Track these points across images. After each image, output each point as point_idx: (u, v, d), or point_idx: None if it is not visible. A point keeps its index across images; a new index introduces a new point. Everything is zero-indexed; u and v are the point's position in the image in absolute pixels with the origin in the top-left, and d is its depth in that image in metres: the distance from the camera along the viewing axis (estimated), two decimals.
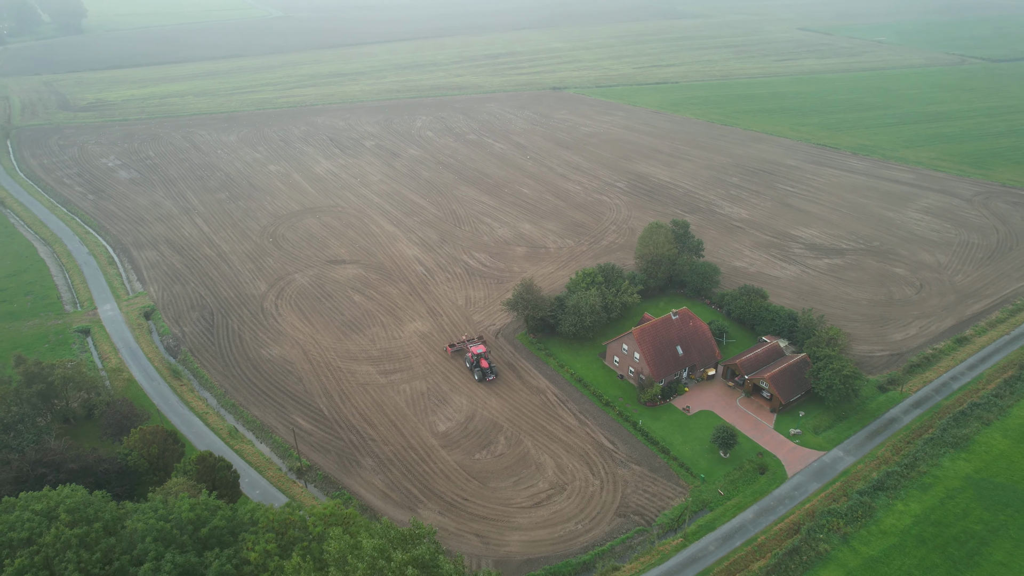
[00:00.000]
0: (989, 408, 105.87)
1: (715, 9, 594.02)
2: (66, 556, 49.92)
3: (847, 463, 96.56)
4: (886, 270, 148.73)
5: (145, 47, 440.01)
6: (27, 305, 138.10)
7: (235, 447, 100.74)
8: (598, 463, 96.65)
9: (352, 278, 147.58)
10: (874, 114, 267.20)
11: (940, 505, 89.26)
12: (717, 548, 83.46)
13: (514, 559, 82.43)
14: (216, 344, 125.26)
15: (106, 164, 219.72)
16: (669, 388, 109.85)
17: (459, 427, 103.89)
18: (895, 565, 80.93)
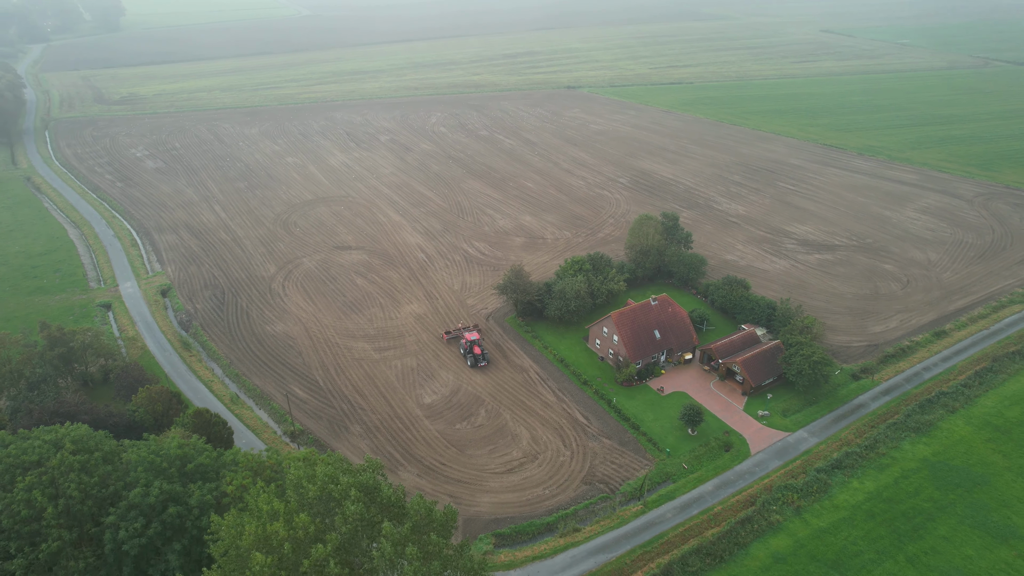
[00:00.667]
0: (956, 397, 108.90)
1: (739, 11, 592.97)
2: (69, 477, 57.58)
3: (810, 443, 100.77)
4: (875, 266, 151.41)
5: (178, 44, 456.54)
6: (56, 281, 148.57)
7: (235, 412, 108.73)
8: (571, 436, 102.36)
9: (356, 263, 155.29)
10: (886, 116, 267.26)
11: (894, 484, 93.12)
12: (674, 515, 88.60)
13: (482, 518, 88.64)
14: (225, 320, 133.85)
15: (134, 154, 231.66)
16: (646, 370, 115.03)
17: (444, 400, 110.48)
18: (842, 536, 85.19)
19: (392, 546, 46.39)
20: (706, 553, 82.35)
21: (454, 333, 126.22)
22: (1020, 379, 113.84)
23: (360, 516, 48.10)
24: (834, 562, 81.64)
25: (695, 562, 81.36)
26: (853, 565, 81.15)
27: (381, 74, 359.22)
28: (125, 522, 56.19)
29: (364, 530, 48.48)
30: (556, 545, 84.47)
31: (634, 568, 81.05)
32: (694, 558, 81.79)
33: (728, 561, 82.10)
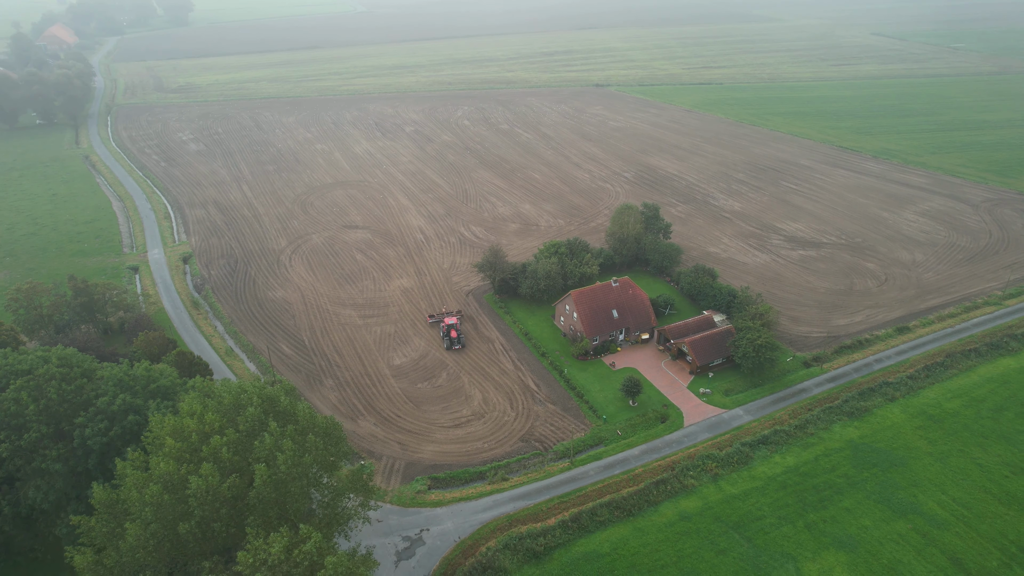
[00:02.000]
0: (899, 387, 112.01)
1: (791, 13, 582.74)
2: (51, 384, 70.37)
3: (743, 420, 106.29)
4: (857, 264, 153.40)
5: (237, 37, 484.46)
6: (95, 246, 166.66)
7: (228, 363, 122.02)
8: (519, 400, 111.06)
9: (359, 241, 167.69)
10: (914, 120, 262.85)
11: (813, 460, 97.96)
12: (597, 473, 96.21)
13: (423, 463, 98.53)
14: (233, 285, 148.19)
15: (180, 137, 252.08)
16: (603, 346, 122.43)
17: (412, 363, 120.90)
18: (750, 502, 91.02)
19: (272, 439, 56.67)
20: (616, 507, 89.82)
21: (437, 317, 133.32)
22: (969, 375, 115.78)
23: (256, 417, 58.70)
24: (736, 524, 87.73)
25: (604, 513, 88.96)
26: (753, 527, 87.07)
27: (420, 69, 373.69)
28: (92, 423, 68.71)
29: (258, 428, 59.03)
30: (483, 490, 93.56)
31: (549, 515, 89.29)
32: (604, 510, 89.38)
33: (636, 515, 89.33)
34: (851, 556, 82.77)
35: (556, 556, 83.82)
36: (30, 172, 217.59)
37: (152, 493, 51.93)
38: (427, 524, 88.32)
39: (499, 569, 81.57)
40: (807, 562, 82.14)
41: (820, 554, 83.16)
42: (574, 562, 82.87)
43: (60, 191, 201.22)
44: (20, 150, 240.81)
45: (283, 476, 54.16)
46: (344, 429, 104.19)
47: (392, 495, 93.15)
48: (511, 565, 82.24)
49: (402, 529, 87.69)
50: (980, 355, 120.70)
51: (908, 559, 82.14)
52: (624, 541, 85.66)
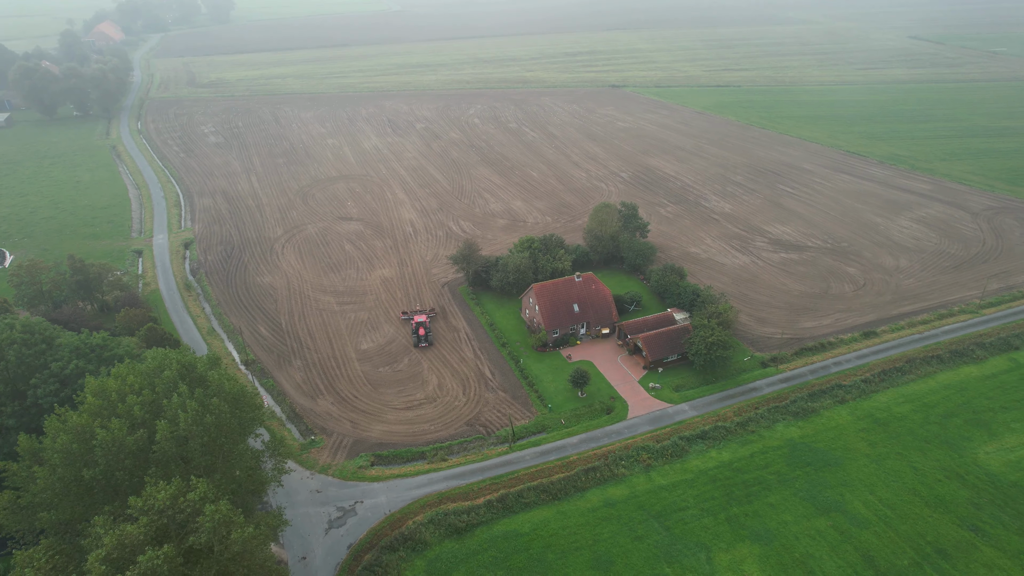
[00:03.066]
0: (851, 391, 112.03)
1: (825, 15, 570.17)
2: (12, 348, 77.86)
3: (687, 415, 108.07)
4: (838, 268, 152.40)
5: (272, 35, 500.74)
6: (106, 230, 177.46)
7: (208, 341, 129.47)
8: (472, 387, 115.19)
9: (351, 232, 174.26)
10: (931, 125, 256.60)
11: (749, 457, 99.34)
12: (532, 459, 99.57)
13: (370, 440, 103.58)
14: (226, 270, 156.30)
15: (203, 130, 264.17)
16: (562, 339, 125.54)
17: (378, 348, 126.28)
18: (677, 493, 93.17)
19: (180, 400, 62.22)
20: (543, 490, 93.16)
21: (410, 314, 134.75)
22: (927, 381, 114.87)
23: (171, 380, 64.45)
24: (658, 513, 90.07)
25: (531, 496, 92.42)
26: (674, 517, 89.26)
27: (442, 68, 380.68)
28: (44, 385, 75.88)
29: (171, 390, 64.73)
30: (421, 469, 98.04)
31: (478, 495, 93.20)
32: (532, 493, 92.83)
33: (563, 500, 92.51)
34: (765, 549, 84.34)
35: (478, 533, 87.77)
36: (61, 160, 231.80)
37: (62, 442, 58.25)
38: (362, 497, 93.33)
39: (420, 541, 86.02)
40: (720, 552, 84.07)
41: (735, 545, 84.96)
42: (493, 539, 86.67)
43: (84, 178, 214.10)
44: (55, 139, 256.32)
45: (183, 433, 59.71)
46: (302, 406, 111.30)
47: (335, 469, 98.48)
48: (432, 538, 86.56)
49: (338, 500, 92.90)
50: (942, 362, 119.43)
51: (820, 554, 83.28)
52: (545, 523, 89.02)
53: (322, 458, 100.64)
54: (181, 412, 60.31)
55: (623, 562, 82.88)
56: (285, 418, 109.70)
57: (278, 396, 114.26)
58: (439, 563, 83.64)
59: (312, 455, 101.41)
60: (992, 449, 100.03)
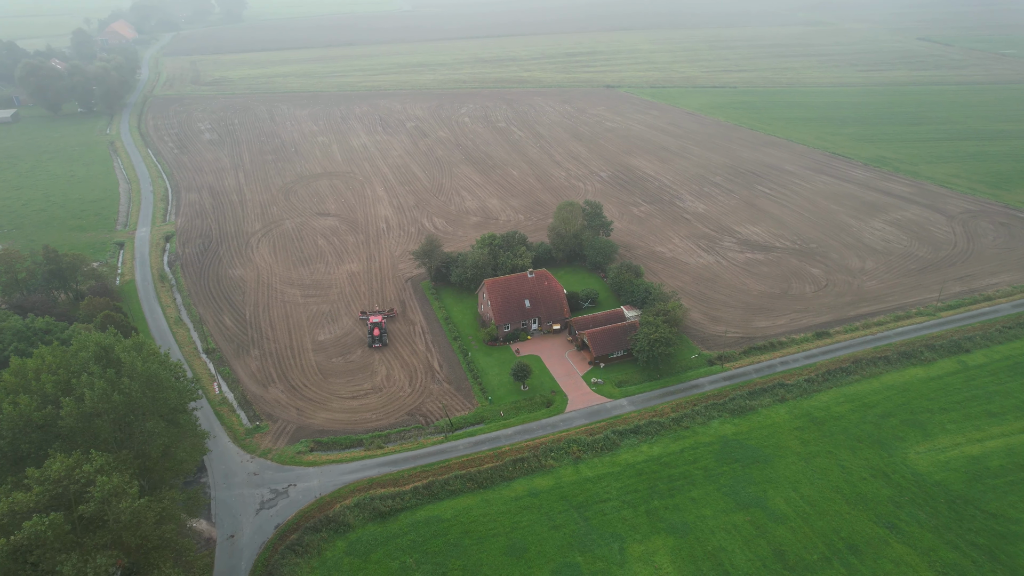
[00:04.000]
0: (792, 389, 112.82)
1: (837, 17, 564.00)
2: None
3: (625, 410, 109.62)
4: (801, 269, 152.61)
5: (282, 34, 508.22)
6: (93, 223, 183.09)
7: (174, 330, 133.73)
8: (419, 378, 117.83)
9: (326, 228, 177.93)
10: (922, 128, 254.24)
11: (679, 452, 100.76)
12: (465, 449, 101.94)
13: (312, 427, 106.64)
14: (201, 262, 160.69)
15: (199, 127, 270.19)
16: (513, 333, 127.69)
17: (334, 339, 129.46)
18: (602, 485, 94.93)
19: (88, 379, 65.64)
20: (470, 479, 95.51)
21: (368, 314, 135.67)
22: (871, 382, 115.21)
23: (85, 360, 67.90)
24: (579, 504, 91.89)
25: (457, 484, 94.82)
26: (594, 508, 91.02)
27: (441, 67, 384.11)
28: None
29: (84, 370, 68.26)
30: (357, 456, 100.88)
31: (408, 482, 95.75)
32: (458, 481, 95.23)
33: (488, 488, 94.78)
34: (679, 541, 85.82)
35: (401, 517, 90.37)
36: (60, 155, 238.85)
37: None
38: (296, 480, 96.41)
39: (343, 523, 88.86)
40: (634, 543, 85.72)
41: (650, 537, 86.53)
42: (415, 524, 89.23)
43: (79, 173, 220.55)
44: (57, 135, 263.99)
45: (89, 410, 63.11)
46: (253, 393, 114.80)
47: (274, 454, 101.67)
48: (356, 521, 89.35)
49: (273, 483, 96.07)
50: (889, 363, 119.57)
51: (733, 548, 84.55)
52: (468, 509, 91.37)
53: (264, 443, 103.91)
54: (88, 390, 63.76)
55: (536, 549, 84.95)
56: (236, 404, 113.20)
57: (232, 383, 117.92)
58: (359, 544, 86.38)
59: (255, 440, 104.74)
60: (923, 449, 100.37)
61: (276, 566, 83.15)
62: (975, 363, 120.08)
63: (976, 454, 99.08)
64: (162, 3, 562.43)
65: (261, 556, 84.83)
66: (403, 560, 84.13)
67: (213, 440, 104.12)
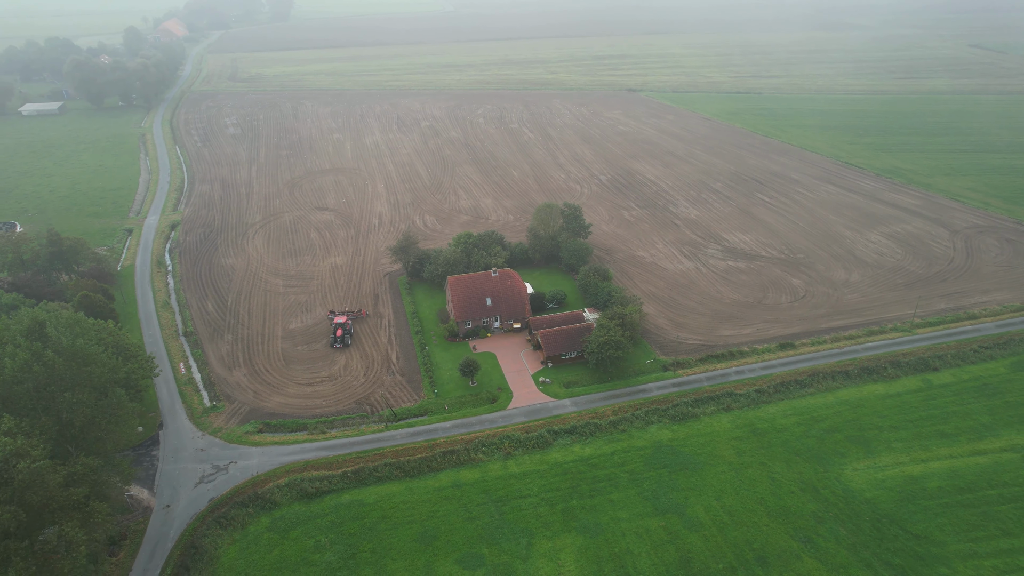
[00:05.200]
0: (740, 399, 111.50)
1: (885, 22, 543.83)
2: None
3: (566, 411, 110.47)
4: (782, 279, 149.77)
5: (323, 34, 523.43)
6: (108, 210, 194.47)
7: (159, 313, 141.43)
8: (375, 369, 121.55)
9: (322, 222, 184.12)
10: (947, 139, 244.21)
11: (609, 454, 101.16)
12: (403, 438, 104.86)
13: (265, 410, 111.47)
14: (198, 250, 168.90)
15: (225, 122, 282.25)
16: (474, 330, 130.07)
17: (305, 328, 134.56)
18: (526, 481, 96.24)
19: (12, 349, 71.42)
20: (399, 467, 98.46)
21: (336, 313, 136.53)
22: (825, 396, 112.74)
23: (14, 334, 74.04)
24: (499, 498, 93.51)
25: (386, 471, 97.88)
26: (512, 504, 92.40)
27: (469, 68, 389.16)
28: None
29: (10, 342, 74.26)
30: (299, 439, 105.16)
31: (340, 466, 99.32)
32: (387, 468, 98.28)
33: (415, 477, 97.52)
34: (588, 541, 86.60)
35: (326, 499, 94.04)
36: (94, 146, 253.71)
37: None
38: (238, 458, 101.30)
39: (271, 501, 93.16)
40: (543, 540, 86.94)
41: (560, 535, 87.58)
42: (338, 506, 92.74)
43: (108, 163, 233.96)
44: (96, 127, 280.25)
45: (8, 378, 68.81)
46: (218, 375, 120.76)
47: (224, 432, 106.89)
48: (283, 500, 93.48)
49: (216, 459, 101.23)
50: (848, 378, 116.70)
51: (640, 552, 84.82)
52: (391, 496, 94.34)
53: (217, 422, 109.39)
54: (9, 360, 69.63)
55: (446, 538, 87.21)
56: (201, 384, 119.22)
57: (201, 365, 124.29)
58: (281, 521, 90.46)
59: (210, 418, 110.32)
60: (862, 466, 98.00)
61: (200, 536, 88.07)
62: (940, 382, 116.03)
63: (916, 474, 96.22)
64: (214, 3, 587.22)
65: (190, 526, 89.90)
66: (318, 539, 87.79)
67: (172, 416, 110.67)
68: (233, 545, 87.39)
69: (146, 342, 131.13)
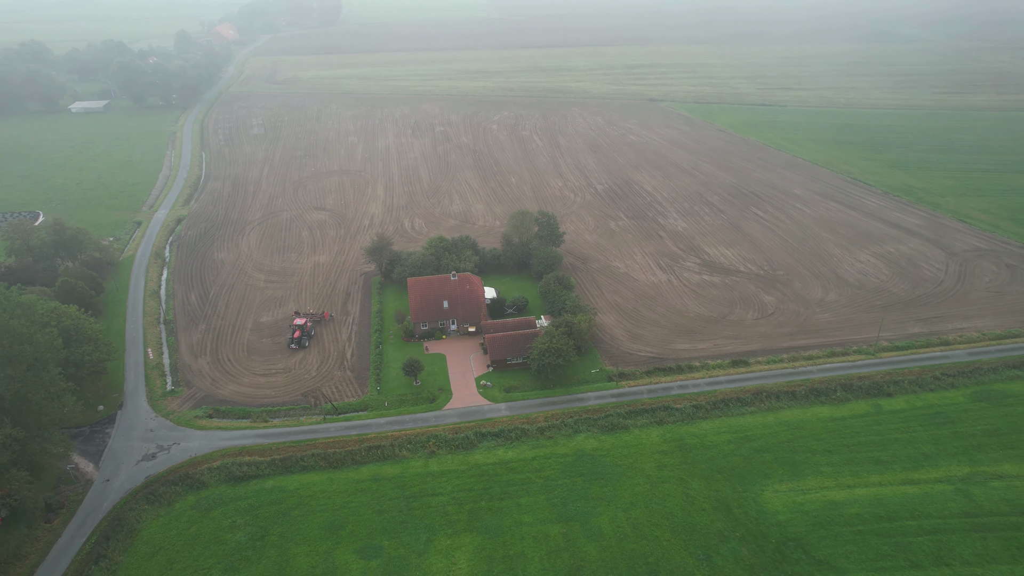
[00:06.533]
0: (676, 413, 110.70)
1: (945, 34, 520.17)
2: None
3: (500, 414, 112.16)
4: (754, 296, 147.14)
5: (367, 39, 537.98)
6: (124, 203, 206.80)
7: (146, 301, 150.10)
8: (328, 364, 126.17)
9: (316, 221, 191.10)
10: (972, 157, 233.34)
11: (530, 459, 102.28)
12: (336, 431, 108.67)
13: (218, 396, 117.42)
14: (195, 243, 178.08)
15: (251, 122, 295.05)
16: (429, 332, 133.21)
17: (273, 322, 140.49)
18: (442, 480, 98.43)
19: None
20: (324, 458, 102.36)
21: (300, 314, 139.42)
22: (766, 415, 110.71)
23: None
24: (412, 494, 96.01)
25: (312, 461, 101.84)
26: (423, 500, 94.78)
27: (496, 75, 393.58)
28: None
29: None
30: (242, 425, 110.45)
31: (272, 454, 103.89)
32: (314, 459, 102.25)
33: (339, 469, 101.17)
34: (486, 541, 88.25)
35: (251, 484, 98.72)
36: (126, 142, 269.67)
37: None
38: (181, 440, 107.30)
39: (199, 481, 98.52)
40: (443, 537, 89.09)
41: (461, 534, 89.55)
42: (261, 491, 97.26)
43: (135, 159, 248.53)
44: (133, 124, 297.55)
45: None
46: (184, 362, 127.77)
47: (175, 415, 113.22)
48: (211, 481, 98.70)
49: (161, 439, 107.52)
50: (795, 398, 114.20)
51: (534, 556, 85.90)
52: (311, 484, 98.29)
53: (172, 405, 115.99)
54: None
55: (351, 529, 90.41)
56: (167, 369, 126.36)
57: (172, 352, 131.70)
58: (206, 501, 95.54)
59: (166, 402, 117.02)
60: (784, 488, 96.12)
61: (128, 509, 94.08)
62: (891, 408, 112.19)
63: (838, 499, 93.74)
64: (266, 7, 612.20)
65: (123, 500, 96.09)
66: (235, 519, 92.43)
67: (133, 398, 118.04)
68: (156, 520, 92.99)
69: (127, 327, 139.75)
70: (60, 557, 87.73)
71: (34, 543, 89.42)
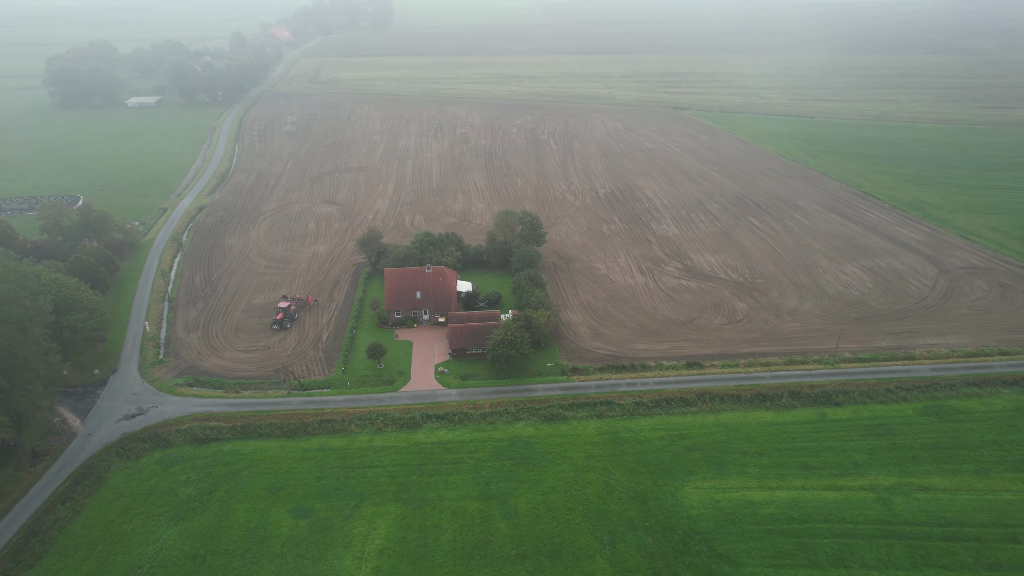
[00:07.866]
0: (615, 409, 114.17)
1: (1007, 46, 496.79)
2: None
3: (450, 399, 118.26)
4: (727, 302, 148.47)
5: (414, 41, 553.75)
6: (155, 190, 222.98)
7: (156, 280, 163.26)
8: (305, 345, 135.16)
9: (324, 214, 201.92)
10: (994, 174, 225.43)
11: (468, 441, 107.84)
12: (297, 405, 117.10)
13: (200, 368, 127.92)
14: (210, 230, 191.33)
15: (286, 120, 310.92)
16: (402, 320, 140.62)
17: (264, 304, 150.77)
18: (382, 454, 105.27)
19: None
20: (279, 427, 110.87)
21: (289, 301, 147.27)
22: (705, 417, 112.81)
23: None
24: (351, 465, 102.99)
25: (267, 429, 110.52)
26: (359, 472, 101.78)
27: (529, 79, 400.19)
28: None
29: None
30: (215, 394, 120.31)
31: (235, 421, 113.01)
32: (270, 427, 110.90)
33: (291, 438, 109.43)
34: (407, 511, 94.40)
35: (212, 446, 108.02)
36: (169, 136, 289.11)
37: None
38: (160, 404, 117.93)
39: (166, 440, 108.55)
40: (369, 505, 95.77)
41: (387, 503, 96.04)
42: (218, 452, 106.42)
43: (173, 151, 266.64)
44: (180, 119, 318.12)
45: None
46: (177, 336, 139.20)
47: (159, 383, 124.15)
48: (177, 441, 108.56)
49: (143, 403, 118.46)
50: (739, 402, 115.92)
51: (448, 527, 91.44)
52: (264, 450, 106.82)
53: (158, 373, 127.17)
54: None
55: (289, 491, 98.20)
56: (162, 341, 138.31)
57: (169, 326, 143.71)
58: (168, 458, 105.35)
59: (154, 370, 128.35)
60: (706, 485, 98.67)
61: (100, 460, 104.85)
62: (836, 417, 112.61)
63: (756, 499, 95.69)
64: (320, 8, 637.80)
65: (98, 452, 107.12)
66: (190, 475, 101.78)
67: (126, 365, 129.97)
68: (123, 471, 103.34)
69: (135, 302, 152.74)
70: (36, 496, 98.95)
71: (17, 483, 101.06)
